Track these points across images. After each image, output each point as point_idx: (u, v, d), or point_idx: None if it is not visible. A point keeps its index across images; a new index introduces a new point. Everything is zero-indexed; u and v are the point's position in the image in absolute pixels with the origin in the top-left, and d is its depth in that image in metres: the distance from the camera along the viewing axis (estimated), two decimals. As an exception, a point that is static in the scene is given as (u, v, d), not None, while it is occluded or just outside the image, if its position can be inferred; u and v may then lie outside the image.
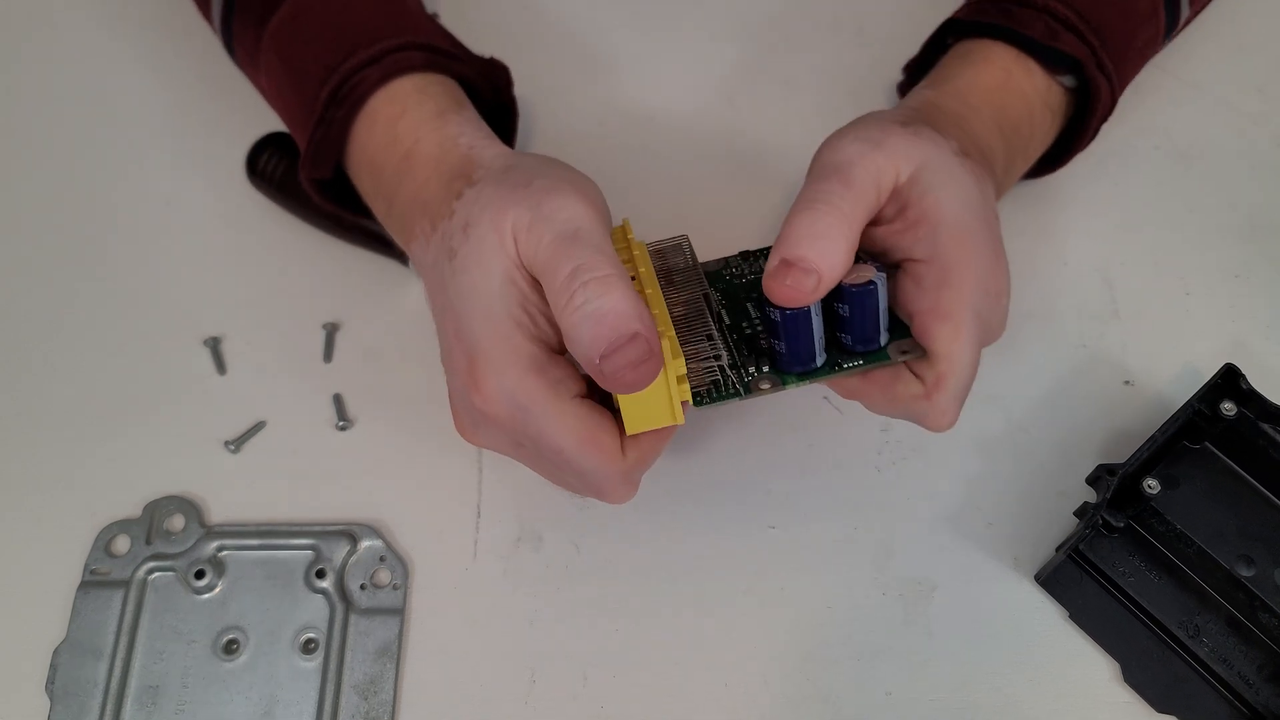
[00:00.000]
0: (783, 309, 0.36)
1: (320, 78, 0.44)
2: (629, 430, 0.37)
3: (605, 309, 0.34)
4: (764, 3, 0.59)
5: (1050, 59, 0.45)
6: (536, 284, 0.37)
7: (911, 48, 0.51)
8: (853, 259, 0.37)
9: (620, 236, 0.40)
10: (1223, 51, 0.57)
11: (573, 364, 0.38)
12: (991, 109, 0.44)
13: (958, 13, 0.48)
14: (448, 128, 0.42)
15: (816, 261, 0.35)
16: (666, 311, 0.37)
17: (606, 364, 0.34)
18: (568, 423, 0.36)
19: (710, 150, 0.55)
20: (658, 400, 0.36)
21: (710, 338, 0.38)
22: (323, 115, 0.44)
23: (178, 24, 0.55)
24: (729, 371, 0.38)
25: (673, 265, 0.41)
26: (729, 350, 0.39)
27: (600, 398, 0.38)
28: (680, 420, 0.37)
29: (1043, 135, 0.47)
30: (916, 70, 0.51)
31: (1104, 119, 0.47)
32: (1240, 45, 0.57)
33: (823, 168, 0.38)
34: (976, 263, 0.38)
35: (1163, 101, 0.53)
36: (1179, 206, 0.53)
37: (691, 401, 0.37)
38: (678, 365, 0.36)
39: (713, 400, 0.38)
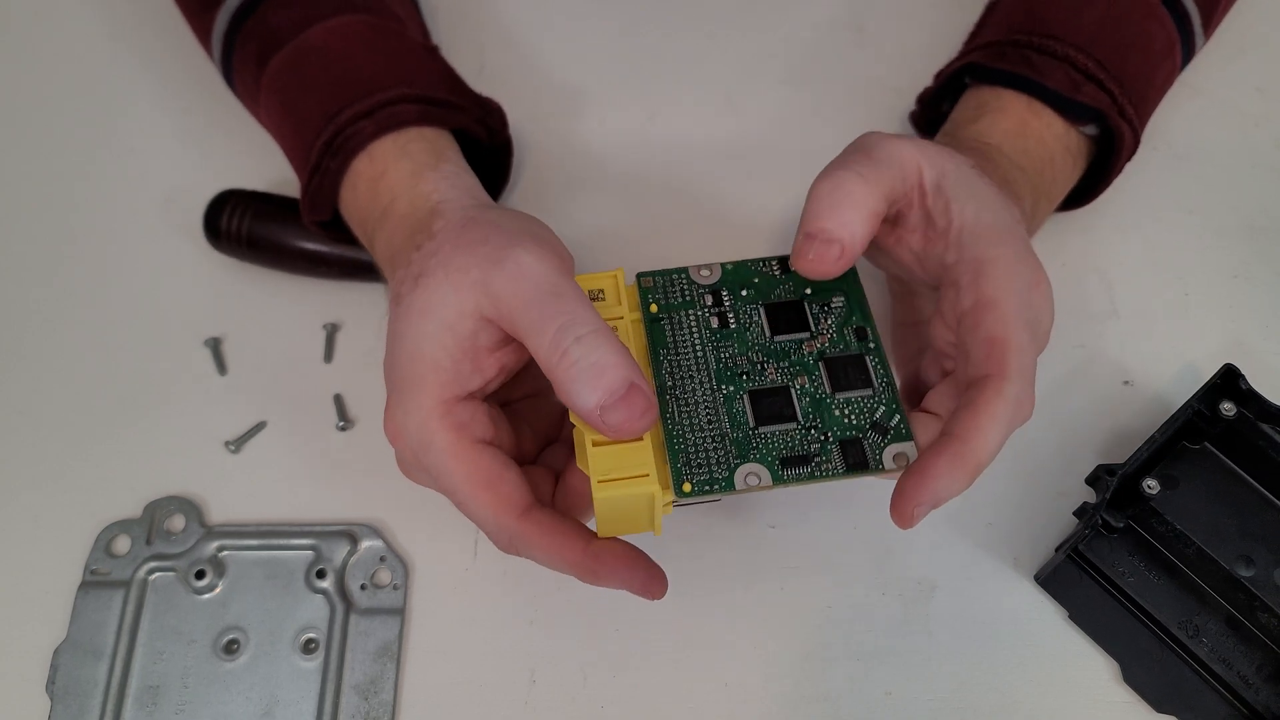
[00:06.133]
0: None
1: (317, 126, 0.45)
2: (601, 534, 0.37)
3: (603, 363, 0.35)
4: (764, 2, 0.59)
5: (1072, 111, 0.45)
6: (479, 335, 0.37)
7: (911, 47, 0.50)
8: (875, 227, 0.38)
9: (612, 287, 0.40)
10: (1223, 52, 0.57)
11: (489, 415, 0.38)
12: (1012, 149, 0.45)
13: (975, 55, 0.47)
14: (421, 185, 0.42)
15: (838, 231, 0.37)
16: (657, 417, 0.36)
17: (609, 415, 0.35)
18: (461, 465, 0.36)
19: (710, 152, 0.55)
20: (636, 515, 0.36)
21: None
22: (318, 164, 0.44)
23: (183, 23, 0.55)
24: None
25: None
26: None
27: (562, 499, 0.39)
28: (659, 532, 0.37)
29: (1065, 179, 0.47)
30: (930, 101, 0.51)
31: (1128, 159, 0.47)
32: (1240, 45, 0.57)
33: (846, 149, 0.39)
34: (1007, 251, 0.37)
35: (1163, 102, 0.53)
36: (1178, 207, 0.53)
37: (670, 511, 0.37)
38: (666, 494, 0.36)
39: (694, 495, 0.36)
